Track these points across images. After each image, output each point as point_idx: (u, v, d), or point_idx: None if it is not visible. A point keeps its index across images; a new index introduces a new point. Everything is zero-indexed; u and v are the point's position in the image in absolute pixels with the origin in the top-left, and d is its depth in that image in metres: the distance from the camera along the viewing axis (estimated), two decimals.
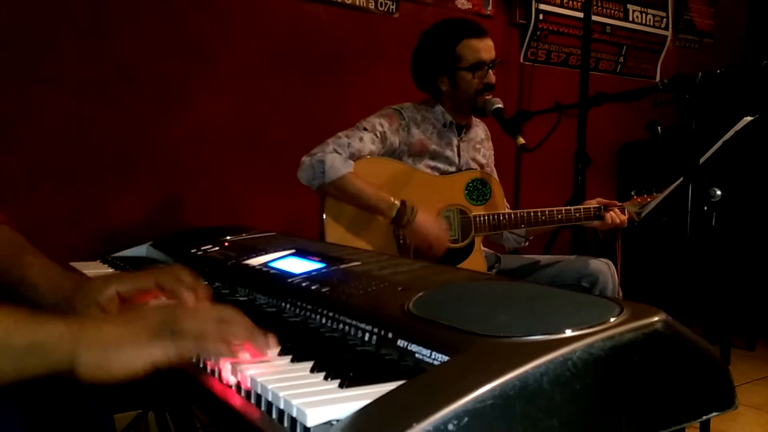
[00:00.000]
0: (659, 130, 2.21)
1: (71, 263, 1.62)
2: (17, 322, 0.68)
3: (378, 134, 2.02)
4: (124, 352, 0.69)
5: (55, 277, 0.98)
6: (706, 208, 1.85)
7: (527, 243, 2.32)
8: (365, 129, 2.01)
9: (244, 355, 0.74)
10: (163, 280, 0.92)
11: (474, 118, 2.26)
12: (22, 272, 0.99)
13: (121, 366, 0.69)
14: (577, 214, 2.08)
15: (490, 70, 2.09)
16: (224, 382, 0.73)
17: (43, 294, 0.97)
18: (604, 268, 2.06)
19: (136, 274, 0.95)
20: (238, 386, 0.71)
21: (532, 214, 2.07)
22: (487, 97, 2.11)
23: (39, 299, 0.97)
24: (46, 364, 0.68)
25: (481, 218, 2.06)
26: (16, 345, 0.67)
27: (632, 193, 2.17)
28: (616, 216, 2.09)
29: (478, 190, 2.10)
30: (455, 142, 2.18)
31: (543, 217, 2.07)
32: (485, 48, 2.08)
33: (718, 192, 1.82)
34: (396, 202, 1.91)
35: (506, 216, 2.07)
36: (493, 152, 2.37)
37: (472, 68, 2.07)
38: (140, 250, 1.74)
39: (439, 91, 2.15)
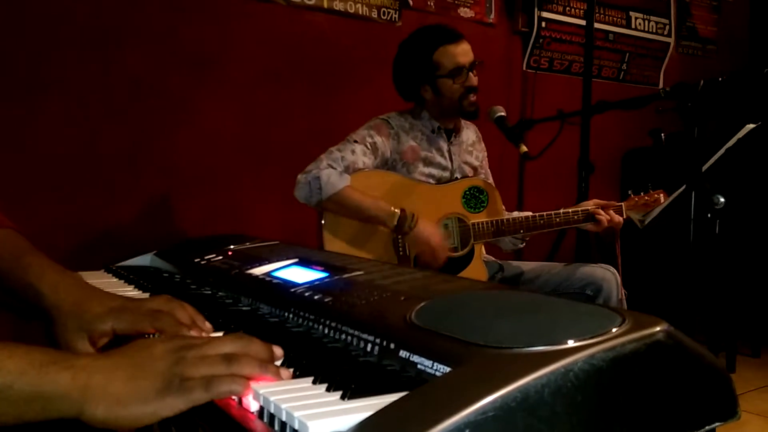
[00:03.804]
0: (663, 137, 2.21)
1: (75, 273, 1.62)
2: (23, 371, 0.67)
3: (369, 145, 2.03)
4: (130, 410, 0.69)
5: (54, 279, 0.97)
6: (709, 215, 1.85)
7: (524, 244, 2.32)
8: (356, 141, 2.03)
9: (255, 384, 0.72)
10: (162, 325, 0.90)
11: (463, 121, 2.27)
12: (21, 274, 0.99)
13: (128, 422, 0.69)
14: (575, 216, 2.09)
15: (470, 73, 2.10)
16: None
17: (41, 295, 0.96)
18: (608, 276, 2.06)
19: (136, 314, 0.92)
20: (240, 398, 0.71)
21: (530, 218, 2.07)
22: (472, 100, 2.11)
23: (38, 300, 0.96)
24: (49, 413, 0.68)
25: (480, 225, 2.06)
26: (18, 394, 0.66)
27: (630, 192, 2.17)
28: (610, 218, 2.08)
29: (476, 197, 2.11)
30: (445, 147, 2.19)
31: (541, 221, 2.07)
32: (462, 52, 2.10)
33: (722, 199, 1.82)
34: (396, 211, 1.92)
35: (505, 222, 2.07)
36: (486, 154, 2.38)
37: (451, 75, 2.09)
38: (144, 260, 1.74)
39: (423, 100, 2.17)
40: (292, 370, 0.75)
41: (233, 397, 0.72)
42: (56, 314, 0.94)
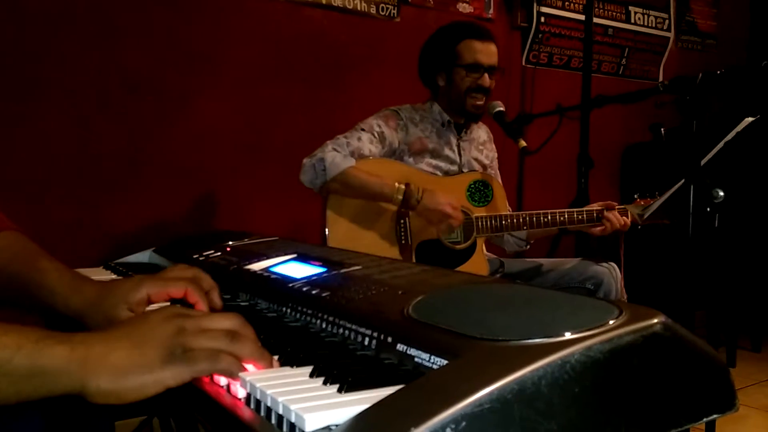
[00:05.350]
0: (663, 132, 2.21)
1: (74, 270, 1.62)
2: (20, 345, 0.65)
3: (376, 134, 2.04)
4: (134, 380, 0.67)
5: (74, 282, 0.97)
6: (708, 209, 1.84)
7: (528, 247, 2.32)
8: (363, 130, 2.04)
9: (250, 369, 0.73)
10: (192, 291, 0.91)
11: None
12: (37, 277, 0.98)
13: (132, 392, 0.67)
14: (580, 216, 2.08)
15: (486, 74, 2.10)
16: (222, 386, 0.73)
17: (64, 299, 0.95)
18: (607, 271, 2.06)
19: (168, 281, 0.94)
20: (229, 388, 0.71)
21: (534, 216, 2.07)
22: (477, 103, 2.11)
23: (58, 304, 0.96)
24: (50, 388, 0.66)
25: (483, 220, 2.06)
26: (16, 368, 0.65)
27: (635, 196, 2.16)
28: (616, 221, 2.08)
29: (480, 191, 2.11)
30: (455, 141, 2.19)
31: (545, 219, 2.07)
32: (485, 51, 2.10)
33: (721, 193, 1.81)
34: (401, 186, 1.93)
35: (508, 218, 2.07)
36: (496, 155, 2.38)
37: (467, 67, 2.09)
38: (143, 256, 1.74)
39: (437, 88, 2.17)
40: (277, 356, 0.76)
41: (222, 383, 0.72)
42: (85, 308, 0.94)
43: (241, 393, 0.70)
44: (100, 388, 0.66)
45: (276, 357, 0.77)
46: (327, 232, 1.98)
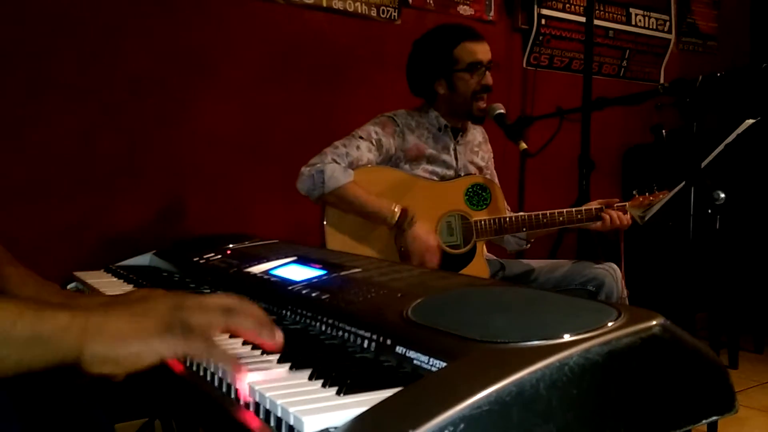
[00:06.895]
0: (664, 134, 2.20)
1: (75, 273, 1.62)
2: (21, 312, 0.67)
3: (374, 142, 2.03)
4: (131, 347, 0.68)
5: (35, 292, 0.98)
6: (709, 211, 1.84)
7: (528, 245, 2.32)
8: (361, 137, 2.02)
9: (247, 370, 0.73)
10: None
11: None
12: (1, 283, 0.99)
13: (129, 360, 0.68)
14: (579, 216, 2.08)
15: (487, 72, 2.10)
16: (222, 389, 0.73)
17: None
18: (609, 272, 2.05)
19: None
20: (237, 394, 0.71)
21: (533, 216, 2.07)
22: (482, 106, 2.12)
23: None
24: (50, 355, 0.67)
25: (483, 223, 2.06)
26: (19, 335, 0.65)
27: (634, 192, 2.16)
28: (616, 217, 2.08)
29: (479, 195, 2.10)
30: (452, 145, 2.18)
31: (544, 220, 2.06)
32: (482, 50, 2.10)
33: (722, 195, 1.81)
34: (397, 210, 1.92)
35: (507, 220, 2.07)
36: (492, 155, 2.37)
37: (469, 69, 2.09)
38: (144, 259, 1.75)
39: (435, 96, 2.15)
40: (283, 338, 0.76)
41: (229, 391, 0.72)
42: None
43: (240, 395, 0.70)
44: (97, 353, 0.67)
45: (275, 358, 0.77)
46: (326, 239, 1.99)
